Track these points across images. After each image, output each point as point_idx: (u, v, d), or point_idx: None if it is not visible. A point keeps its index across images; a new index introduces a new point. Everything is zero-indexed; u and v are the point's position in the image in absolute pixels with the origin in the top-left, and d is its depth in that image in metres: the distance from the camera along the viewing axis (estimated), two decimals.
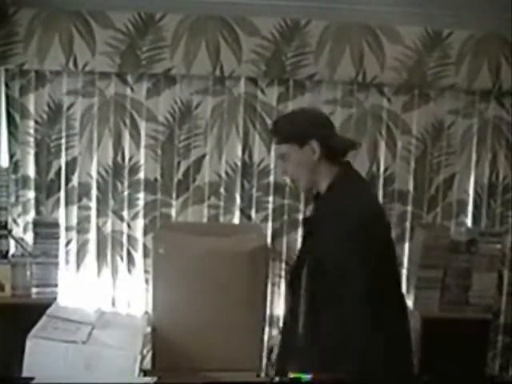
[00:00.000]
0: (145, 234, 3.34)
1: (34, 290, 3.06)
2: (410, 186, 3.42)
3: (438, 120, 3.38)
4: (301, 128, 2.05)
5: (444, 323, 3.16)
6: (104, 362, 2.39)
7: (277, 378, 2.20)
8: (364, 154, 3.37)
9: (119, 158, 3.30)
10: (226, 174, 3.35)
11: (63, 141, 3.28)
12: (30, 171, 3.28)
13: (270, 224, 3.38)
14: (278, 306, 3.42)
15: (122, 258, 3.35)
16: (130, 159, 3.31)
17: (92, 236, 3.33)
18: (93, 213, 3.32)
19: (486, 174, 3.44)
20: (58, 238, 3.13)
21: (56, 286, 3.09)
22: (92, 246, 3.34)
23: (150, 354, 3.31)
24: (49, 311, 2.74)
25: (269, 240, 3.32)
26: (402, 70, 3.25)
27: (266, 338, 3.26)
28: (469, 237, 3.30)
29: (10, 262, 3.06)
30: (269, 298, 3.23)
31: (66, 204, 3.30)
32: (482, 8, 3.12)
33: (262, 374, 3.19)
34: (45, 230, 3.09)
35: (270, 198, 3.37)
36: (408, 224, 3.43)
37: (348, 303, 1.83)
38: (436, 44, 3.24)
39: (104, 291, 3.34)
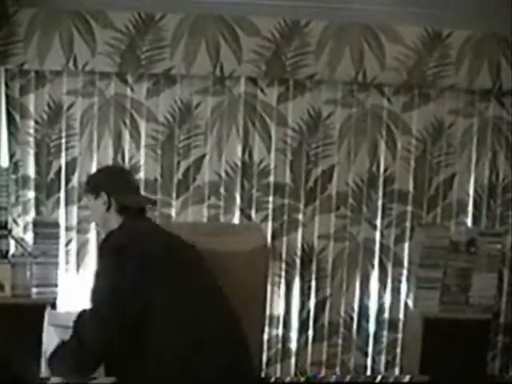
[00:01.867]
0: None
1: (34, 290, 3.06)
2: (410, 186, 3.42)
3: (438, 120, 3.38)
4: (97, 181, 2.41)
5: (444, 323, 3.17)
6: None
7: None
8: (364, 153, 3.38)
9: (119, 158, 3.30)
10: (226, 173, 3.35)
11: (63, 141, 3.28)
12: (30, 171, 3.28)
13: (269, 224, 3.39)
14: (278, 306, 3.43)
15: None
16: (130, 159, 3.31)
17: (92, 236, 3.33)
18: None
19: (486, 174, 3.44)
20: (58, 238, 3.12)
21: (56, 286, 3.09)
22: (92, 246, 3.34)
23: None
24: (49, 321, 2.68)
25: (269, 240, 3.32)
26: (402, 70, 3.25)
27: (265, 337, 3.28)
28: (469, 237, 3.30)
29: (10, 262, 3.06)
30: (269, 297, 3.23)
31: (66, 204, 3.30)
32: (481, 8, 3.12)
33: (263, 374, 3.20)
34: (45, 230, 3.08)
35: (270, 198, 3.38)
36: (408, 224, 3.43)
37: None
38: (436, 44, 3.24)
39: None
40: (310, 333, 3.49)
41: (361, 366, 3.53)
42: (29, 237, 3.19)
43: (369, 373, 3.53)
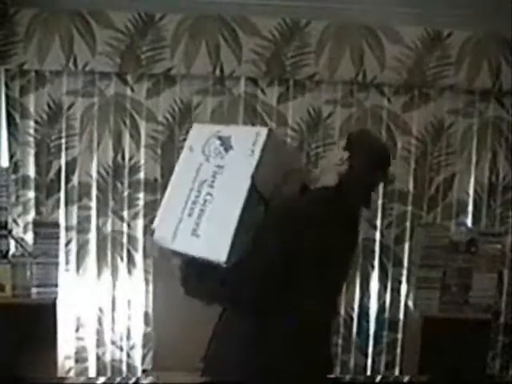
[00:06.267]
0: (145, 233, 3.33)
1: (34, 290, 3.06)
2: (410, 186, 3.42)
3: (438, 120, 3.38)
4: None
5: (444, 323, 3.17)
6: None
7: None
8: None
9: (119, 158, 3.30)
10: None
11: (63, 141, 3.28)
12: (30, 171, 3.28)
13: None
14: None
15: (122, 258, 3.35)
16: (130, 159, 3.31)
17: (92, 236, 3.33)
18: (93, 213, 3.32)
19: (486, 174, 3.44)
20: (58, 238, 3.12)
21: (56, 285, 3.08)
22: (92, 246, 3.34)
23: (150, 354, 3.32)
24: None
25: None
26: (402, 70, 3.25)
27: None
28: (469, 237, 3.30)
29: (10, 262, 3.06)
30: None
31: (66, 204, 3.30)
32: (481, 8, 3.12)
33: None
34: (45, 230, 3.08)
35: None
36: (408, 224, 3.43)
37: None
38: (436, 44, 3.24)
39: (104, 291, 3.34)
40: None
41: (361, 366, 3.53)
42: (29, 237, 3.18)
43: (369, 373, 3.53)
